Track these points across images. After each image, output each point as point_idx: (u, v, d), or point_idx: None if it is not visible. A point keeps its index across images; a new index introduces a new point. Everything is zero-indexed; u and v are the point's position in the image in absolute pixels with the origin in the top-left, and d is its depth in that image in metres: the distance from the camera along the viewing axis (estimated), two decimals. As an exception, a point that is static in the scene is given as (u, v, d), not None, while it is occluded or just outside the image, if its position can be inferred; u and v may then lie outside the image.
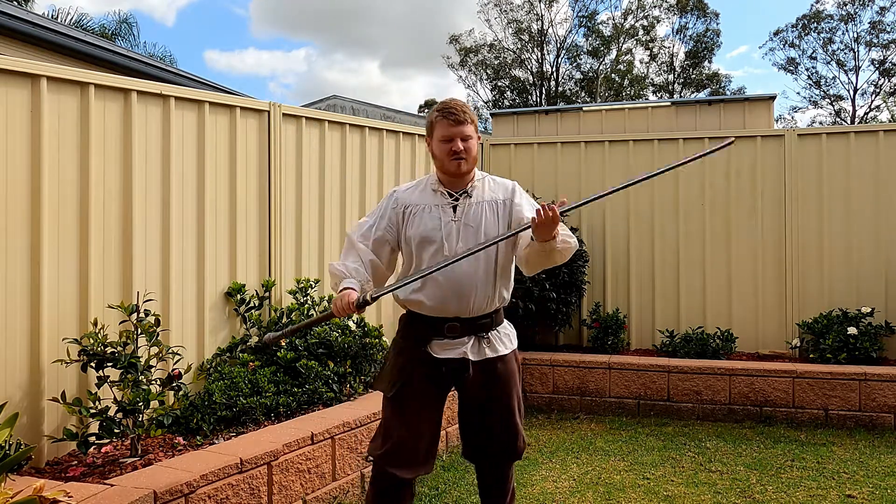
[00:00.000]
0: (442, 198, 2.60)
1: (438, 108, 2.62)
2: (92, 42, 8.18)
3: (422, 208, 2.60)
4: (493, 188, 2.66)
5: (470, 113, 2.60)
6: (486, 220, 2.58)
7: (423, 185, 2.69)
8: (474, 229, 2.56)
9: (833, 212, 6.05)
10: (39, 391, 3.26)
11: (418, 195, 2.65)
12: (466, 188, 2.62)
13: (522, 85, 35.62)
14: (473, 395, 2.62)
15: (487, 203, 2.61)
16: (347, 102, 14.22)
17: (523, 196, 2.70)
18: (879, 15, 30.80)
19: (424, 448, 2.59)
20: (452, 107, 2.58)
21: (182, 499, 2.80)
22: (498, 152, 6.82)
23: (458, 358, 2.55)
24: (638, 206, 6.43)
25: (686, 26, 34.62)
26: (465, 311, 2.54)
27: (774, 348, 6.12)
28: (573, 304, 6.23)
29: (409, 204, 2.63)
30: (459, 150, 2.54)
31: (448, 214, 2.58)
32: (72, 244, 3.44)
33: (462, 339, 2.56)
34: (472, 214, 2.58)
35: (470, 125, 2.58)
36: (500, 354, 2.62)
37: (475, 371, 2.56)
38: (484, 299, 2.56)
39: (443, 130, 2.57)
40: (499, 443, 2.67)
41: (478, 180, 2.65)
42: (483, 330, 2.59)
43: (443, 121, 2.57)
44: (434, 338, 2.57)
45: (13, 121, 3.23)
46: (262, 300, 4.43)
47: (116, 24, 18.64)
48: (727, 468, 4.30)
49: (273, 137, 4.61)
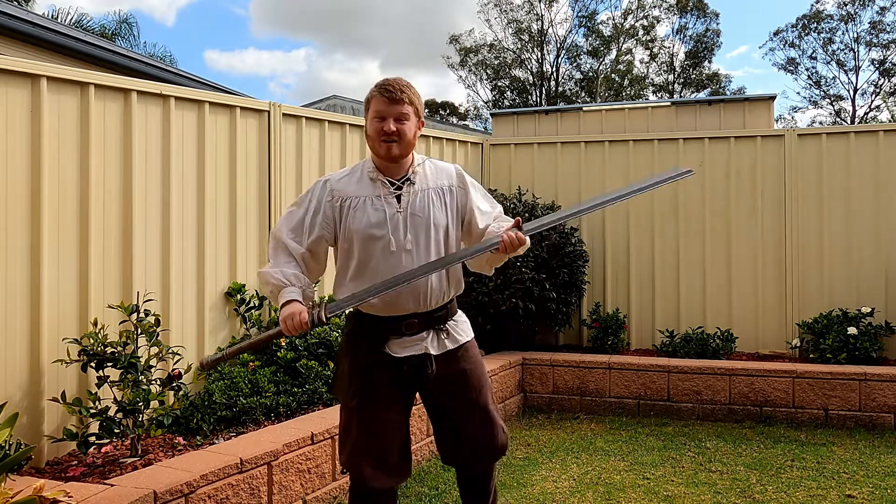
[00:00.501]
0: (383, 187, 2.40)
1: (377, 83, 2.42)
2: (92, 42, 8.18)
3: (362, 200, 2.39)
4: (435, 174, 2.49)
5: (410, 93, 2.39)
6: (434, 208, 2.41)
7: (358, 173, 2.47)
8: (422, 219, 2.39)
9: (833, 212, 6.05)
10: (39, 391, 3.26)
11: (356, 185, 2.43)
12: (408, 174, 2.43)
13: (522, 85, 35.63)
14: (442, 392, 2.46)
15: (433, 190, 2.44)
16: (347, 102, 14.22)
17: (473, 185, 2.54)
18: (879, 15, 30.83)
19: (397, 455, 2.44)
20: (391, 83, 2.38)
21: (182, 499, 2.80)
22: (498, 152, 6.82)
23: (420, 354, 2.39)
24: (638, 206, 6.43)
25: (686, 26, 34.65)
26: (421, 307, 2.39)
27: (774, 348, 6.12)
28: (573, 304, 6.23)
29: (346, 196, 2.41)
30: (391, 132, 2.34)
31: (392, 205, 2.38)
32: (72, 244, 3.44)
33: (421, 335, 2.40)
34: (418, 204, 2.40)
35: (408, 105, 2.37)
36: (460, 343, 2.48)
37: (438, 365, 2.41)
38: (440, 292, 2.42)
39: (377, 106, 2.38)
40: (479, 437, 2.48)
41: (418, 165, 2.47)
42: (440, 322, 2.44)
43: (378, 97, 2.38)
44: (392, 337, 2.40)
45: (13, 121, 3.23)
46: (262, 300, 4.43)
47: (116, 24, 18.65)
48: (727, 468, 4.30)
49: (273, 137, 4.61)
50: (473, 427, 2.48)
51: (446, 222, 2.44)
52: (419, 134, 2.47)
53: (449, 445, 2.54)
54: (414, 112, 2.41)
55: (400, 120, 2.37)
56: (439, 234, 2.43)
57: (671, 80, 35.15)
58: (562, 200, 6.50)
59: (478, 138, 6.99)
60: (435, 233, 2.41)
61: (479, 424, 2.48)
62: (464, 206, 2.50)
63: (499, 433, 2.52)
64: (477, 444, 2.50)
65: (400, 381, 2.42)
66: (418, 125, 2.45)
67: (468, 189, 2.52)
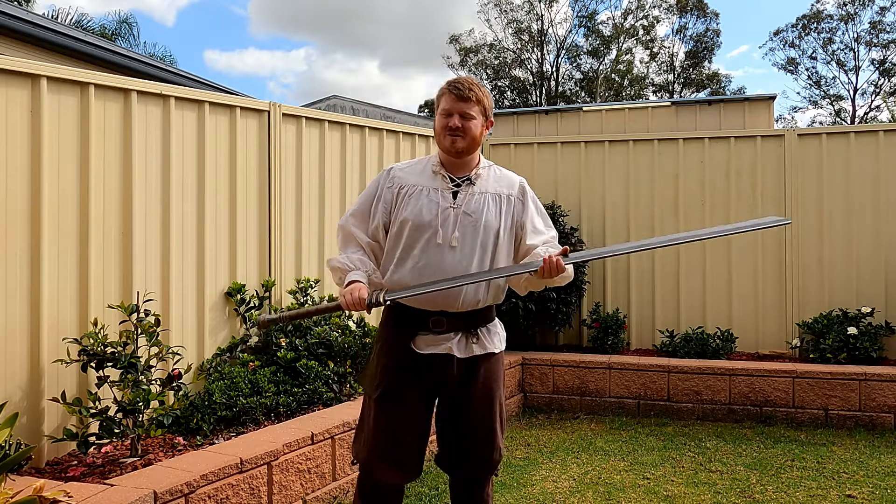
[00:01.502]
0: (442, 181, 2.44)
1: (449, 80, 2.46)
2: (92, 42, 8.18)
3: (419, 190, 2.42)
4: (498, 180, 2.51)
5: (478, 93, 2.42)
6: (488, 211, 2.42)
7: (423, 165, 2.51)
8: (473, 220, 2.39)
9: (833, 212, 6.06)
10: (39, 391, 3.26)
11: (417, 175, 2.47)
12: (470, 175, 2.46)
13: (522, 85, 35.63)
14: (455, 396, 2.43)
15: (491, 195, 2.45)
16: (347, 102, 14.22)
17: (534, 202, 2.56)
18: (879, 15, 30.85)
19: (412, 452, 2.43)
20: (461, 81, 2.43)
21: (182, 499, 2.80)
22: (498, 152, 6.82)
23: (443, 354, 2.37)
24: (638, 206, 6.43)
25: (686, 26, 34.67)
26: (451, 306, 2.37)
27: (774, 348, 6.12)
28: (573, 304, 6.23)
29: (405, 184, 2.45)
30: (456, 127, 2.38)
31: (447, 200, 2.40)
32: (72, 244, 3.44)
33: (448, 335, 2.38)
34: (473, 203, 2.41)
35: (475, 105, 2.41)
36: (488, 352, 2.45)
37: (459, 369, 2.39)
38: (474, 297, 2.38)
39: (445, 103, 2.42)
40: (477, 451, 2.46)
41: (482, 168, 2.50)
42: (471, 326, 2.41)
43: (448, 94, 2.42)
44: (419, 331, 2.39)
45: (13, 121, 3.22)
46: (262, 300, 4.43)
47: (116, 25, 18.66)
48: (727, 468, 4.30)
49: (273, 137, 4.61)
50: (473, 442, 2.47)
51: (498, 227, 2.43)
52: (486, 133, 2.50)
53: (446, 448, 2.53)
54: (481, 111, 2.44)
55: (465, 117, 2.40)
56: (488, 237, 2.42)
57: (671, 80, 35.15)
58: (562, 200, 6.50)
59: (478, 138, 6.98)
60: (484, 235, 2.41)
61: (479, 440, 2.47)
62: (519, 218, 2.50)
63: (495, 453, 2.50)
64: (471, 458, 2.48)
65: (421, 378, 2.41)
66: (486, 125, 2.47)
67: (527, 203, 2.53)
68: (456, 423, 2.47)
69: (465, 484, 2.56)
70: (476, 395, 2.43)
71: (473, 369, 2.42)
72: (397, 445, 2.41)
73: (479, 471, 2.51)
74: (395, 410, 2.40)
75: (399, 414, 2.40)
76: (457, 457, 2.50)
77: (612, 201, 6.51)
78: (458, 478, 2.57)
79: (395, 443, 2.40)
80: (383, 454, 2.40)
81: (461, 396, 2.44)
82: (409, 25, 52.53)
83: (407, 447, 2.42)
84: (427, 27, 51.69)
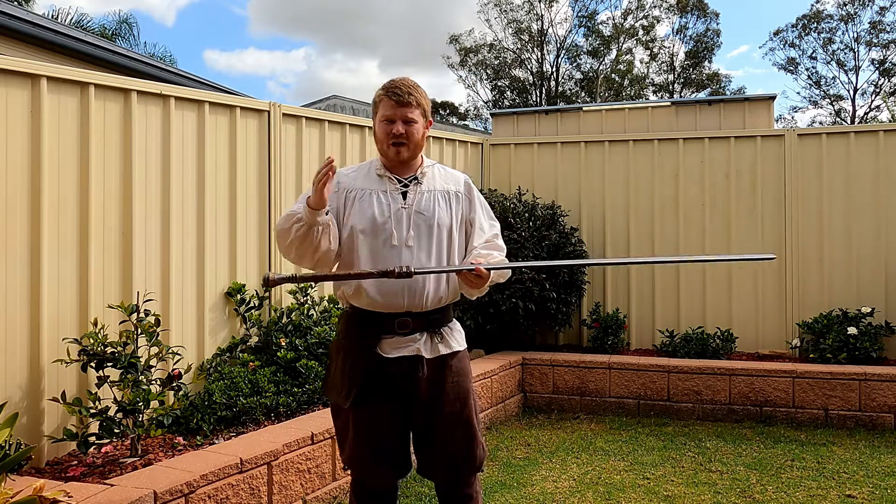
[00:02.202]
0: (389, 183, 2.40)
1: (384, 85, 2.40)
2: (92, 42, 8.17)
3: (368, 193, 2.38)
4: (444, 177, 2.49)
5: (418, 95, 2.38)
6: (439, 209, 2.40)
7: (366, 170, 2.46)
8: (426, 217, 2.37)
9: (833, 212, 6.06)
10: (39, 391, 3.26)
11: (363, 179, 2.42)
12: (416, 174, 2.43)
13: (522, 85, 35.62)
14: (428, 397, 2.38)
15: (440, 192, 2.43)
16: (347, 102, 14.22)
17: (479, 198, 2.55)
18: (879, 15, 30.84)
19: (397, 452, 2.41)
20: (398, 85, 2.37)
21: (182, 499, 2.80)
22: (498, 152, 6.82)
23: (412, 356, 2.34)
24: (638, 206, 6.43)
25: (686, 26, 34.66)
26: (417, 306, 2.34)
27: (774, 348, 6.12)
28: (573, 304, 6.23)
29: (352, 188, 2.39)
30: (399, 134, 2.34)
31: (398, 201, 2.37)
32: (72, 244, 3.44)
33: (414, 336, 2.35)
34: (423, 202, 2.39)
35: (416, 109, 2.37)
36: (454, 350, 2.42)
37: (429, 369, 2.36)
38: (436, 295, 2.37)
39: (384, 110, 2.37)
40: (458, 451, 2.41)
41: (427, 167, 2.47)
42: (435, 325, 2.39)
43: (386, 100, 2.36)
44: (383, 336, 2.34)
45: (13, 121, 3.23)
46: (262, 300, 4.43)
47: (116, 25, 18.65)
48: (727, 468, 4.30)
49: (273, 137, 4.61)
50: (454, 440, 2.42)
51: (450, 224, 2.42)
52: (427, 134, 2.48)
53: (427, 456, 2.46)
54: (421, 113, 2.41)
55: (408, 122, 2.37)
56: (442, 235, 2.41)
57: (671, 80, 35.15)
58: (562, 200, 6.50)
59: (478, 138, 6.99)
60: (438, 232, 2.40)
61: (460, 438, 2.42)
62: (468, 215, 2.50)
63: (478, 450, 2.46)
64: (455, 458, 2.43)
65: (390, 382, 2.36)
66: (426, 126, 2.45)
67: (474, 201, 2.52)
68: (433, 428, 2.41)
69: (453, 487, 2.49)
70: (449, 393, 2.40)
71: (442, 368, 2.40)
72: (383, 449, 2.38)
73: (466, 471, 2.46)
74: (372, 415, 2.36)
75: (376, 418, 2.37)
76: (441, 462, 2.44)
77: (612, 202, 6.51)
78: (444, 483, 2.50)
79: (380, 447, 2.38)
80: (371, 460, 2.38)
81: (436, 397, 2.39)
82: (408, 25, 52.55)
83: (392, 448, 2.39)
84: (427, 27, 51.71)
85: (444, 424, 2.40)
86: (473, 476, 2.51)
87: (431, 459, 2.45)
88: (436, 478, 2.49)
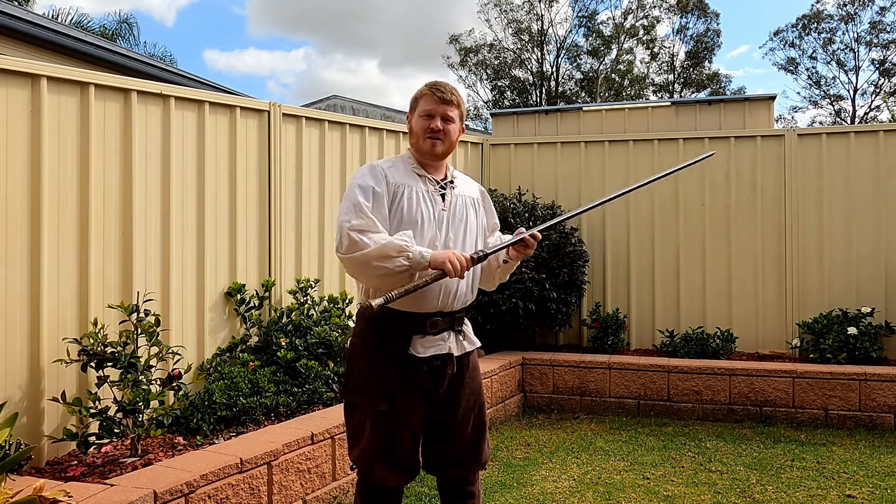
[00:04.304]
0: (430, 184, 2.44)
1: (428, 83, 2.48)
2: (92, 42, 8.17)
3: (413, 190, 2.40)
4: (467, 184, 2.60)
5: (458, 97, 2.47)
6: (469, 214, 2.50)
7: (402, 165, 2.46)
8: (462, 221, 2.46)
9: (833, 212, 6.06)
10: (39, 391, 3.26)
11: (402, 175, 2.42)
12: (448, 177, 2.51)
13: (522, 85, 35.61)
14: (447, 393, 2.43)
15: (468, 198, 2.53)
16: (347, 102, 14.21)
17: (491, 206, 2.70)
18: (879, 15, 30.81)
19: (409, 455, 2.43)
20: (442, 84, 2.46)
21: (182, 499, 2.80)
22: (498, 152, 6.82)
23: (443, 354, 2.39)
24: (638, 206, 6.43)
25: (686, 26, 34.63)
26: (448, 306, 2.40)
27: (774, 348, 6.12)
28: (573, 304, 6.23)
29: (398, 182, 2.39)
30: (438, 129, 2.40)
31: (439, 203, 2.43)
32: (72, 244, 3.44)
33: (443, 335, 2.40)
34: (458, 206, 2.47)
35: (455, 108, 2.44)
36: (475, 347, 2.53)
37: (455, 367, 2.43)
38: (465, 294, 2.45)
39: (426, 105, 2.44)
40: (469, 445, 2.48)
41: (453, 172, 2.56)
42: (458, 324, 2.46)
43: (429, 95, 2.43)
44: (415, 336, 2.37)
45: (13, 121, 3.23)
46: (262, 300, 4.43)
47: (116, 25, 18.64)
48: (727, 468, 4.30)
49: (273, 137, 4.61)
50: (466, 435, 2.48)
51: (477, 228, 2.53)
52: (459, 139, 2.56)
53: (436, 451, 2.49)
54: (459, 116, 2.48)
55: (447, 119, 2.43)
56: (474, 238, 2.51)
57: (671, 80, 35.13)
58: (562, 200, 6.50)
59: (478, 138, 6.99)
60: (471, 236, 2.49)
61: (472, 433, 2.49)
62: (486, 222, 2.63)
63: (486, 446, 2.56)
64: (465, 452, 2.49)
65: (420, 381, 2.39)
66: (460, 130, 2.51)
67: (489, 209, 2.66)
68: (447, 423, 2.46)
69: (458, 482, 2.54)
70: (466, 389, 2.48)
71: (463, 367, 2.48)
72: (398, 450, 2.40)
73: (474, 466, 2.53)
74: (395, 417, 2.37)
75: (399, 420, 2.38)
76: (450, 457, 2.49)
77: (612, 202, 6.49)
78: (450, 478, 2.54)
79: (395, 448, 2.39)
80: (384, 460, 2.38)
81: (452, 395, 2.44)
82: (408, 25, 52.52)
83: (406, 451, 2.41)
84: (427, 27, 51.68)
85: (458, 419, 2.46)
86: (479, 472, 2.58)
87: (440, 454, 2.49)
88: (443, 472, 2.53)
